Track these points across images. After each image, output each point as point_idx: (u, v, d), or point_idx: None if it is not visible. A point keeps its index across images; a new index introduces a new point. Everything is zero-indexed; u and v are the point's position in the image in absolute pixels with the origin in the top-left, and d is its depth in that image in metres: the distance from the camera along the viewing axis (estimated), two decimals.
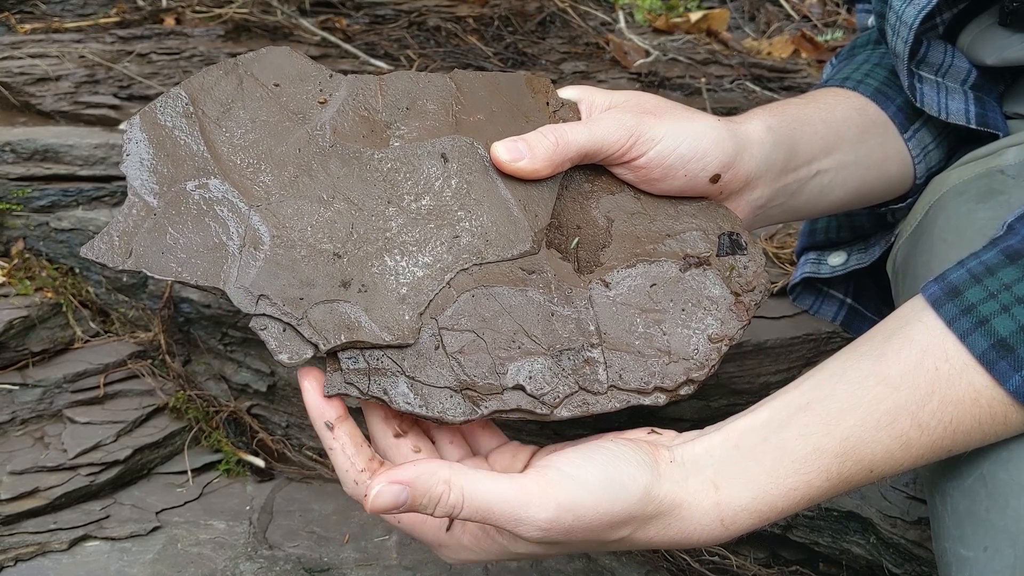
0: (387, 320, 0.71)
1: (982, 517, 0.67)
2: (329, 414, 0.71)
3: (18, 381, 1.33)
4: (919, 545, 1.10)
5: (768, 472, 0.67)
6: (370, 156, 0.77)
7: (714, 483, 0.67)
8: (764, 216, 0.88)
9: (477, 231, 0.76)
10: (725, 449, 0.69)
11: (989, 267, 0.67)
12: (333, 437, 0.72)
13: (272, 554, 1.21)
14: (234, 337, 1.40)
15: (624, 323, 0.75)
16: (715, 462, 0.68)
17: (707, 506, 0.67)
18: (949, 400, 0.66)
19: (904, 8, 0.86)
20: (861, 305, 1.08)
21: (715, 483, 0.67)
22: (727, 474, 0.67)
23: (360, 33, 2.02)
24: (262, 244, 0.72)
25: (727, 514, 0.67)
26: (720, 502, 0.67)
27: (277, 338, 0.70)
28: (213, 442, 1.37)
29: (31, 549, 1.17)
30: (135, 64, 1.78)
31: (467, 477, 0.66)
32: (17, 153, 1.47)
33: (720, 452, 0.69)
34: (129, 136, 0.74)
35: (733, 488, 0.67)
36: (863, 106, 0.93)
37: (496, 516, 0.65)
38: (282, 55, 0.80)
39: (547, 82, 0.85)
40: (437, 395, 0.70)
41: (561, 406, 0.72)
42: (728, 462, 0.68)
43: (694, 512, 0.67)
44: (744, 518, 0.67)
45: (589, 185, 0.81)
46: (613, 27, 2.27)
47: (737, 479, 0.67)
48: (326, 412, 0.71)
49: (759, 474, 0.67)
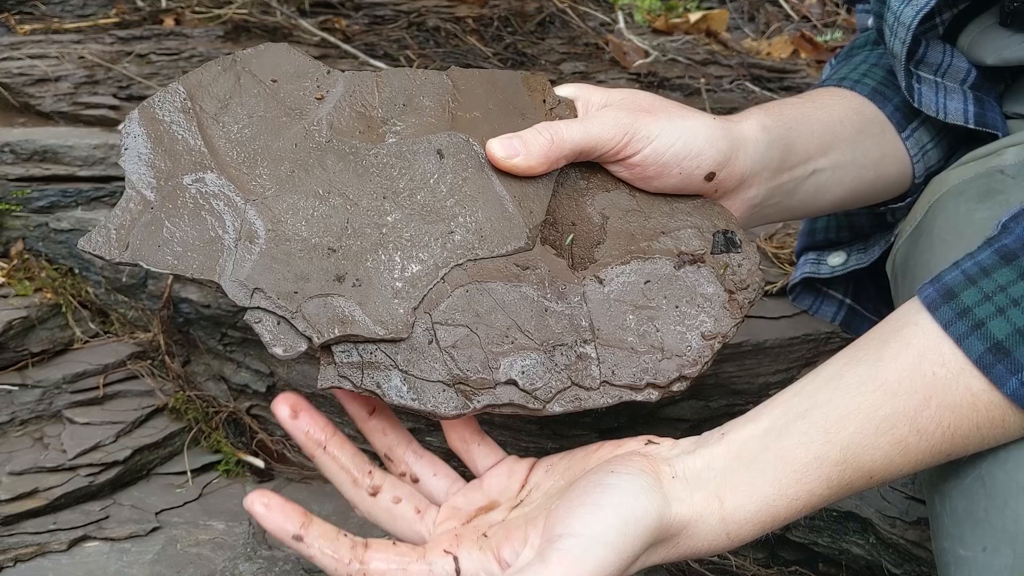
0: (381, 314, 0.71)
1: (981, 517, 0.67)
2: (290, 527, 0.69)
3: (17, 382, 1.33)
4: (918, 545, 1.10)
5: (770, 483, 0.67)
6: (366, 152, 0.77)
7: (718, 496, 0.67)
8: (760, 215, 0.88)
9: (472, 227, 0.76)
10: (726, 461, 0.68)
11: (984, 268, 0.67)
12: (307, 546, 0.69)
13: (271, 555, 1.21)
14: (233, 338, 1.40)
15: (617, 320, 0.75)
16: (717, 475, 0.68)
17: (713, 522, 0.67)
18: (947, 405, 0.66)
19: (902, 9, 0.86)
20: (860, 305, 1.08)
21: (719, 496, 0.67)
22: (731, 486, 0.67)
23: (359, 34, 2.02)
24: (258, 238, 0.72)
25: (732, 527, 0.67)
26: (726, 516, 0.67)
27: (272, 331, 0.70)
28: (212, 443, 1.37)
29: (30, 550, 1.17)
30: (134, 65, 1.78)
31: None
32: (16, 154, 1.47)
33: (722, 464, 0.68)
34: (127, 131, 0.75)
35: (737, 500, 0.67)
36: (860, 105, 0.93)
37: None
38: (280, 52, 0.81)
39: (543, 80, 0.85)
40: (430, 389, 0.70)
41: (553, 401, 0.72)
42: (731, 474, 0.67)
43: (701, 529, 0.67)
44: (748, 529, 0.67)
45: (584, 182, 0.81)
46: (612, 27, 2.27)
47: (741, 491, 0.67)
48: (286, 526, 0.69)
49: (762, 485, 0.67)
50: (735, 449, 0.69)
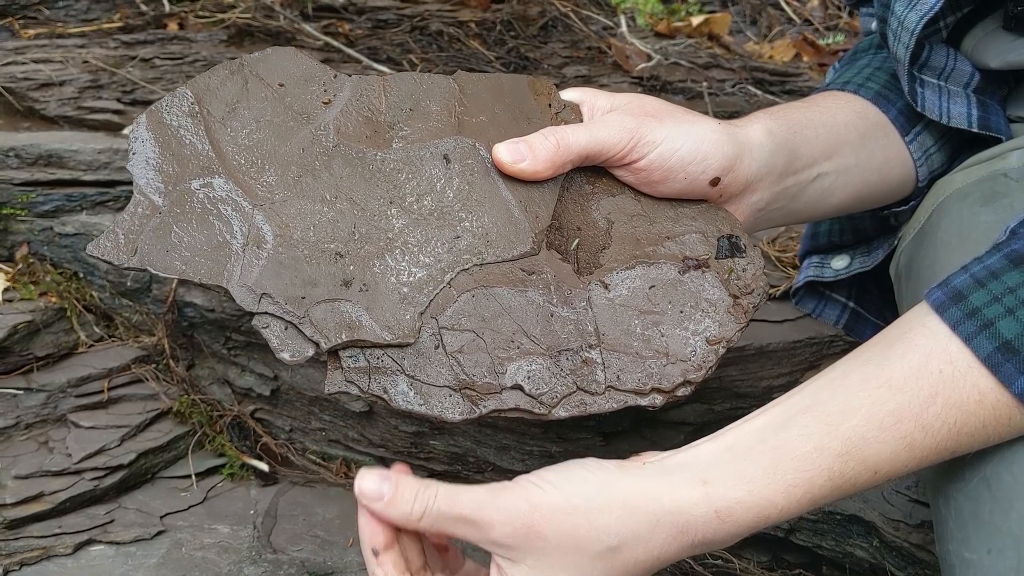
0: (388, 319, 0.71)
1: (986, 519, 0.67)
2: (377, 541, 0.70)
3: (23, 386, 1.33)
4: (922, 548, 1.10)
5: (765, 469, 0.67)
6: (373, 157, 0.77)
7: (701, 479, 0.67)
8: (764, 219, 0.88)
9: (478, 232, 0.76)
10: (716, 452, 0.69)
11: (993, 271, 0.67)
12: (377, 563, 0.70)
13: (276, 558, 1.22)
14: (238, 341, 1.40)
15: (622, 324, 0.76)
16: (703, 463, 0.68)
17: (696, 496, 0.66)
18: (953, 402, 0.66)
19: (906, 13, 0.86)
20: (863, 309, 1.08)
21: (703, 479, 0.67)
22: (717, 472, 0.67)
23: (362, 38, 2.02)
24: (265, 243, 0.72)
25: (721, 505, 0.67)
26: (711, 493, 0.67)
27: (279, 336, 0.70)
28: (217, 446, 1.38)
29: (36, 553, 1.17)
30: (138, 69, 1.79)
31: (443, 487, 0.68)
32: (21, 158, 1.47)
33: (709, 456, 0.69)
34: (135, 135, 0.75)
35: (726, 482, 0.67)
36: (864, 109, 0.93)
37: (463, 503, 0.66)
38: (287, 56, 0.81)
39: (549, 84, 0.85)
40: (436, 394, 0.70)
41: (559, 406, 0.72)
42: (719, 463, 0.68)
43: (680, 504, 0.66)
44: (742, 512, 0.67)
45: (590, 187, 0.82)
46: (615, 31, 2.27)
47: (730, 476, 0.67)
48: (375, 538, 0.70)
49: (755, 472, 0.67)
50: (727, 443, 0.69)
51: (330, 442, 1.40)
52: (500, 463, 1.32)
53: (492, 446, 1.31)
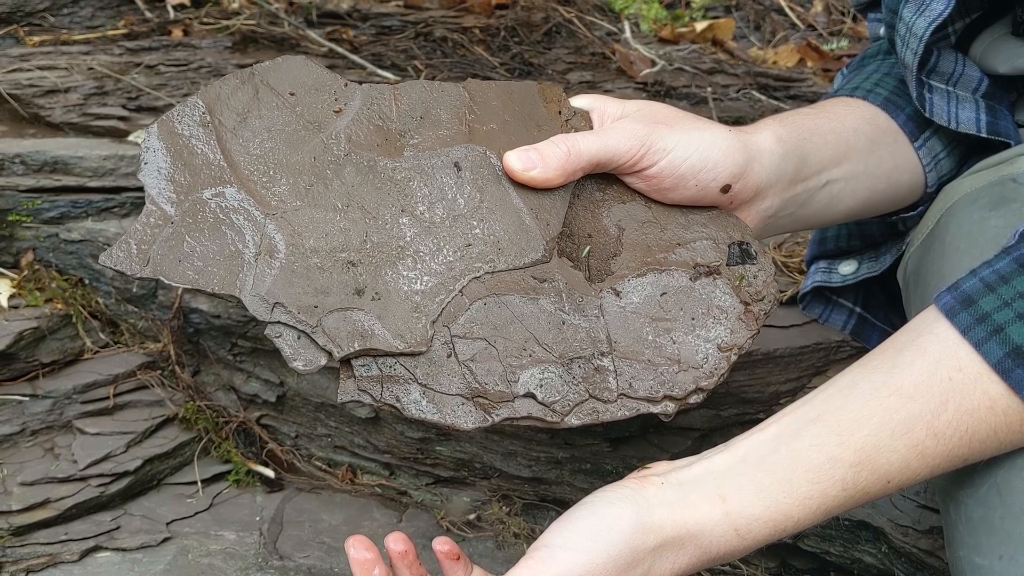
0: (400, 328, 0.71)
1: (997, 525, 0.67)
2: None
3: (28, 392, 1.33)
4: (931, 554, 1.10)
5: (780, 482, 0.67)
6: (384, 165, 0.77)
7: (719, 495, 0.67)
8: (774, 225, 0.88)
9: (489, 240, 0.76)
10: (729, 464, 0.69)
11: (1003, 276, 0.67)
12: None
13: (282, 564, 1.21)
14: (243, 347, 1.40)
15: (634, 332, 0.76)
16: (718, 476, 0.68)
17: (716, 516, 0.67)
18: (964, 409, 0.66)
19: (915, 19, 0.86)
20: (871, 314, 1.08)
21: (720, 495, 0.67)
22: (734, 485, 0.67)
23: (367, 44, 2.02)
24: (277, 252, 0.72)
25: (740, 523, 0.67)
26: (730, 511, 0.67)
27: (292, 345, 0.70)
28: (223, 453, 1.37)
29: (42, 560, 1.17)
30: (143, 76, 1.79)
31: None
32: (27, 165, 1.47)
33: (723, 467, 0.69)
34: (147, 145, 0.75)
35: (743, 498, 0.67)
36: (873, 115, 0.93)
37: None
38: (297, 64, 0.81)
39: (559, 91, 0.85)
40: (449, 402, 0.70)
41: (571, 414, 0.72)
42: (733, 474, 0.68)
43: (703, 526, 0.67)
44: (760, 528, 0.67)
45: (601, 194, 0.82)
46: (619, 37, 2.28)
47: (747, 490, 0.67)
48: None
49: (770, 484, 0.67)
50: (740, 453, 0.69)
51: (336, 448, 1.40)
52: (506, 469, 1.32)
53: (498, 452, 1.31)
